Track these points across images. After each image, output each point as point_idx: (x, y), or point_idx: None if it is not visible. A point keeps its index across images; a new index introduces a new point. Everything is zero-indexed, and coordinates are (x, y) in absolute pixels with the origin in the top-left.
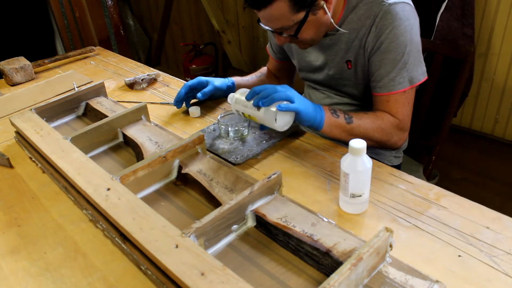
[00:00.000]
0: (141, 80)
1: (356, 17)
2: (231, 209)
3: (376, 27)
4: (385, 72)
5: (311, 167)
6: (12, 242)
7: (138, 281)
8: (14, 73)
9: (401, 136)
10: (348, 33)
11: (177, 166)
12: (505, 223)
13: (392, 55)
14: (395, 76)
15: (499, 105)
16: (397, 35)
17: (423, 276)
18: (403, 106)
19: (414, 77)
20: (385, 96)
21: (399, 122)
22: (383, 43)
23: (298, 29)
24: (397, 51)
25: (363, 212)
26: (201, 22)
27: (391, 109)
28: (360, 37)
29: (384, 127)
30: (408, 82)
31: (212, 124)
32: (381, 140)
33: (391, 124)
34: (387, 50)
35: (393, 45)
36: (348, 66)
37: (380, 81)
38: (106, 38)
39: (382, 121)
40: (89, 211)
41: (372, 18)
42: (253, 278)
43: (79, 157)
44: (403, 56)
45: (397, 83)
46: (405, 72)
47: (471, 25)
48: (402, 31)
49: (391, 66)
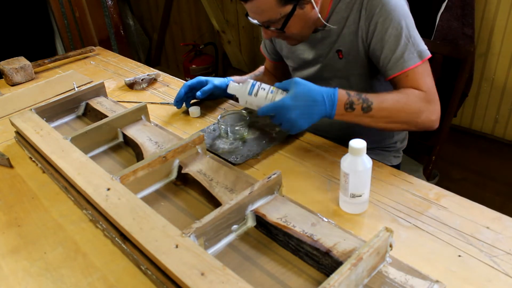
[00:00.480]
0: (141, 80)
1: (343, 6)
2: (231, 209)
3: (366, 9)
4: (390, 51)
5: (311, 167)
6: (12, 242)
7: (138, 281)
8: (14, 73)
9: (432, 109)
10: (337, 23)
11: (177, 166)
12: (505, 223)
13: (390, 30)
14: (403, 52)
15: (499, 105)
16: (389, 11)
17: (423, 276)
18: (424, 77)
19: (422, 50)
20: (401, 74)
21: (425, 94)
22: (377, 22)
23: (285, 23)
24: (395, 25)
25: (363, 212)
26: (201, 22)
27: (412, 83)
28: (350, 24)
29: (410, 104)
30: (418, 57)
31: (212, 124)
32: (408, 119)
33: (418, 98)
34: (384, 28)
35: (388, 20)
36: (339, 56)
37: (389, 62)
38: (106, 38)
39: (407, 98)
40: (89, 211)
41: (359, 2)
42: (253, 278)
43: (79, 157)
44: (402, 30)
45: (408, 59)
46: (412, 47)
47: (471, 25)
48: (393, 6)
49: (394, 43)
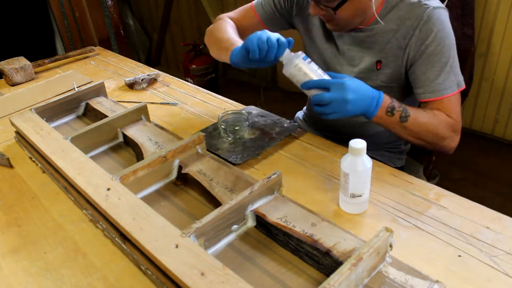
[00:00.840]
0: (141, 80)
1: (394, 17)
2: (231, 209)
3: (421, 30)
4: (434, 76)
5: (311, 167)
6: (12, 242)
7: (138, 281)
8: (14, 73)
9: (455, 138)
10: (384, 33)
11: (177, 166)
12: (505, 223)
13: (438, 57)
14: (445, 79)
15: (499, 105)
16: (443, 38)
17: (423, 276)
18: (456, 107)
19: (460, 80)
20: (437, 101)
21: (454, 123)
22: (429, 46)
23: (340, 4)
24: (444, 54)
25: (363, 212)
26: (201, 22)
27: (446, 110)
28: (399, 39)
29: (440, 129)
30: (456, 85)
31: (212, 124)
32: (433, 141)
33: (447, 124)
34: (434, 54)
35: (439, 47)
36: (377, 67)
37: (429, 86)
38: (106, 38)
39: (439, 122)
40: (89, 211)
41: (415, 20)
42: (253, 278)
43: (79, 157)
44: (449, 58)
45: (447, 87)
46: (453, 76)
47: (471, 25)
48: (447, 34)
49: (439, 70)
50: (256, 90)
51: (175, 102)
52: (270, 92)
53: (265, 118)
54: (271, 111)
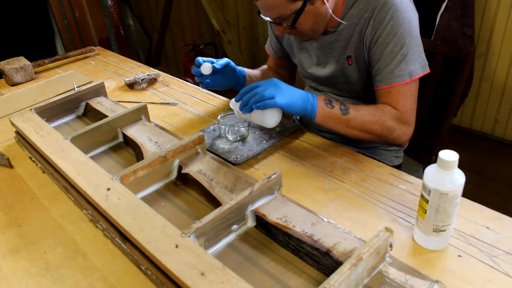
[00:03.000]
0: (141, 80)
1: (355, 12)
2: (231, 209)
3: (374, 19)
4: (384, 65)
5: (311, 167)
6: (12, 242)
7: (138, 281)
8: (14, 73)
9: (404, 130)
10: (347, 29)
11: (177, 166)
12: (505, 223)
13: (390, 47)
14: (394, 68)
15: (499, 105)
16: (394, 27)
17: (423, 276)
18: (405, 99)
19: (413, 70)
20: (386, 89)
21: (400, 114)
22: (380, 35)
23: (295, 19)
24: (396, 42)
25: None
26: (201, 22)
27: (392, 101)
28: (359, 31)
29: (385, 120)
30: (407, 75)
31: (212, 124)
32: (381, 133)
33: (392, 116)
34: (385, 42)
35: (391, 36)
36: (349, 62)
37: (379, 75)
38: (106, 38)
39: (382, 113)
40: (89, 211)
41: (370, 11)
42: (253, 278)
43: (79, 157)
44: (402, 48)
45: (395, 76)
46: (404, 65)
47: (471, 25)
48: (400, 23)
49: (390, 59)
50: None
51: (175, 102)
52: None
53: None
54: None
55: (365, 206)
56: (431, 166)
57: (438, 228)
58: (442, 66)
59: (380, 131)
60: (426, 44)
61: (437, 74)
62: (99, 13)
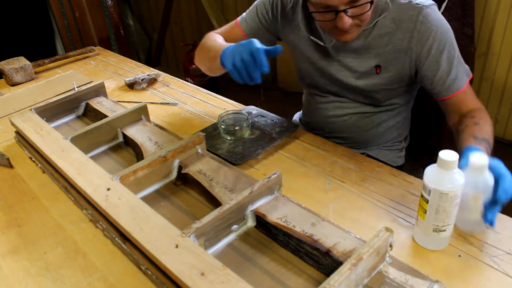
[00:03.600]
0: (141, 80)
1: (387, 21)
2: (231, 209)
3: (419, 32)
4: (445, 73)
5: (311, 167)
6: (12, 242)
7: (138, 281)
8: (14, 73)
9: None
10: (379, 37)
11: (177, 166)
12: (505, 223)
13: (446, 53)
14: (456, 74)
15: (499, 105)
16: (443, 34)
17: (423, 276)
18: (473, 95)
19: (467, 69)
20: (461, 92)
21: (483, 108)
22: (432, 46)
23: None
24: (449, 48)
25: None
26: (201, 22)
27: (471, 100)
28: (397, 42)
29: (490, 122)
30: (466, 76)
31: (212, 124)
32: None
33: (486, 115)
34: (439, 52)
35: (442, 44)
36: (377, 71)
37: (444, 84)
38: (106, 38)
39: (488, 119)
40: (89, 211)
41: (410, 22)
42: (253, 278)
43: (79, 157)
44: (455, 51)
45: (459, 79)
46: (462, 67)
47: (471, 25)
48: (446, 29)
49: (449, 65)
50: (256, 90)
51: (175, 102)
52: (270, 92)
53: (265, 118)
54: (271, 111)
55: (365, 206)
56: (431, 166)
57: (438, 228)
58: None
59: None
60: None
61: None
62: (99, 13)
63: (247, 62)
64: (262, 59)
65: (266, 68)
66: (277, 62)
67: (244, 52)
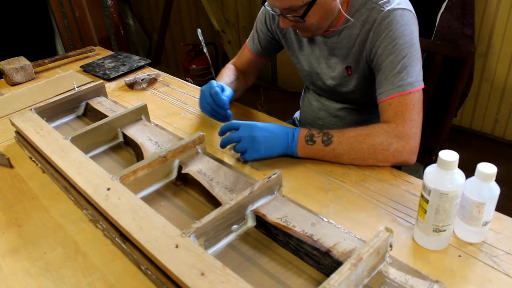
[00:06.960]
0: (141, 80)
1: (358, 22)
2: (231, 209)
3: (373, 32)
4: (384, 76)
5: (311, 167)
6: (12, 242)
7: (138, 281)
8: (14, 73)
9: (403, 143)
10: (349, 38)
11: (177, 166)
12: (505, 223)
13: (390, 58)
14: (394, 79)
15: (499, 105)
16: (393, 38)
17: (423, 276)
18: (405, 110)
19: (415, 81)
20: (386, 101)
21: (395, 127)
22: (379, 47)
23: (306, 11)
24: (395, 53)
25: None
26: (201, 22)
27: (390, 114)
28: (359, 43)
29: (373, 137)
30: (408, 85)
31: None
32: (374, 153)
33: (383, 131)
34: (384, 54)
35: (389, 47)
36: (348, 72)
37: (380, 87)
38: (106, 38)
39: (370, 132)
40: (89, 211)
41: (371, 23)
42: (253, 278)
43: (79, 157)
44: (403, 58)
45: (395, 86)
46: (405, 75)
47: (471, 25)
48: (399, 35)
49: (389, 69)
50: (256, 90)
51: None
52: (270, 92)
53: None
54: (271, 111)
55: (365, 206)
56: (431, 166)
57: (438, 228)
58: (442, 66)
59: (372, 150)
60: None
61: (437, 74)
62: (99, 13)
63: (211, 104)
64: (221, 99)
65: (227, 106)
66: (277, 62)
67: (206, 96)
